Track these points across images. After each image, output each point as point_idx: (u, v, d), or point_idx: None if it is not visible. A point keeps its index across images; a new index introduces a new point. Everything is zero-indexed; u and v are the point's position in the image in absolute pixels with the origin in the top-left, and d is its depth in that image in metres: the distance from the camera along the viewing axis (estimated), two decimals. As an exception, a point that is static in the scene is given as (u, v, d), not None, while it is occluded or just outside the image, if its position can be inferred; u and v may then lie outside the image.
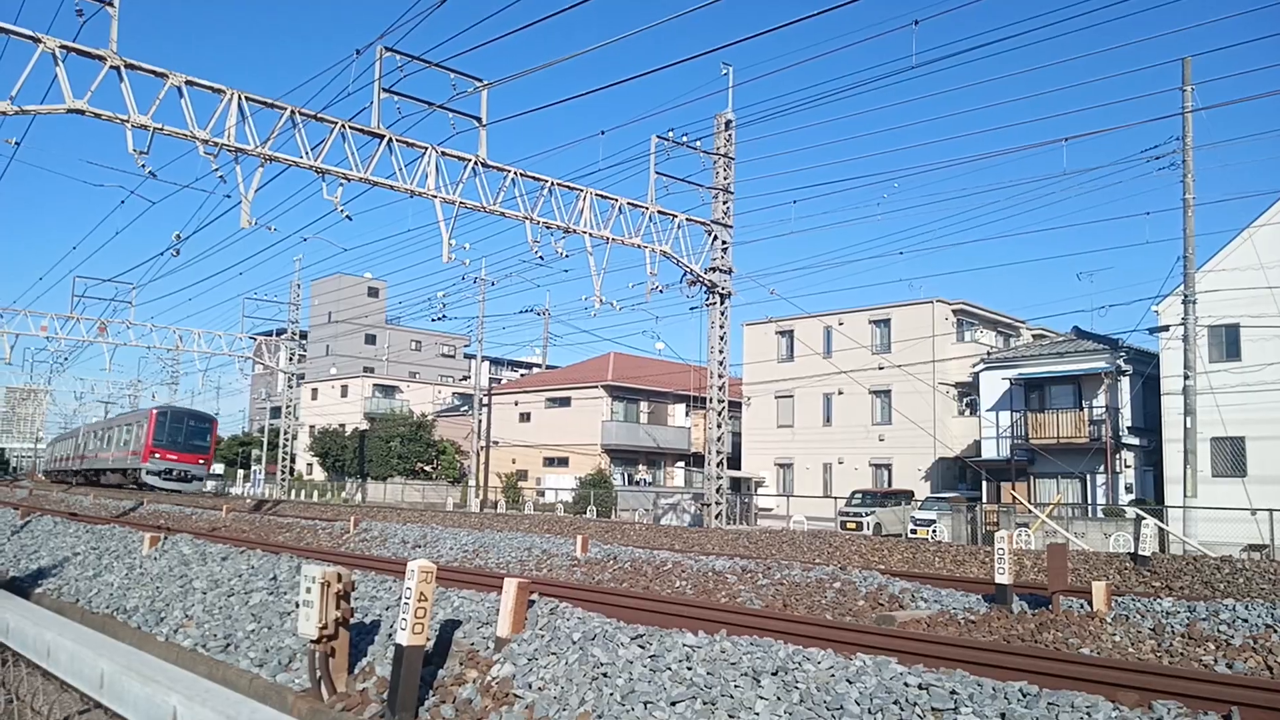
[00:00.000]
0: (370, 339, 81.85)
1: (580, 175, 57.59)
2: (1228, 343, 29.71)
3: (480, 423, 47.58)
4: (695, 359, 32.25)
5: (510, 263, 65.36)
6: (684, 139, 26.53)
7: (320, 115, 19.31)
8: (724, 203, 27.47)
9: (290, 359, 52.16)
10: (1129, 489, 33.10)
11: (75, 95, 16.34)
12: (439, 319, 42.12)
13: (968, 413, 41.23)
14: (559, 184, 22.98)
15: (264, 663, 8.12)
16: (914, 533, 29.58)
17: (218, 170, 18.36)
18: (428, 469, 57.33)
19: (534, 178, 22.57)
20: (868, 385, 42.50)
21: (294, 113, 18.95)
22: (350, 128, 19.60)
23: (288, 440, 52.55)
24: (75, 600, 12.18)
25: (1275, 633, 8.16)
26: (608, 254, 24.38)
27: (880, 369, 41.42)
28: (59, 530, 17.84)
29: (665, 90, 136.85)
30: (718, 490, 27.25)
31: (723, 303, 27.34)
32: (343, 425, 62.06)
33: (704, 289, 27.23)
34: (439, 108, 20.60)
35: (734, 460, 41.19)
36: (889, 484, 41.26)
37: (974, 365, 38.44)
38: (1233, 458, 29.48)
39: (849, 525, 31.58)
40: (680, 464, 54.92)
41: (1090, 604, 9.31)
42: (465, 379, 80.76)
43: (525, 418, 56.42)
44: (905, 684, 5.36)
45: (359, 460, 57.31)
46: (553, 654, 6.58)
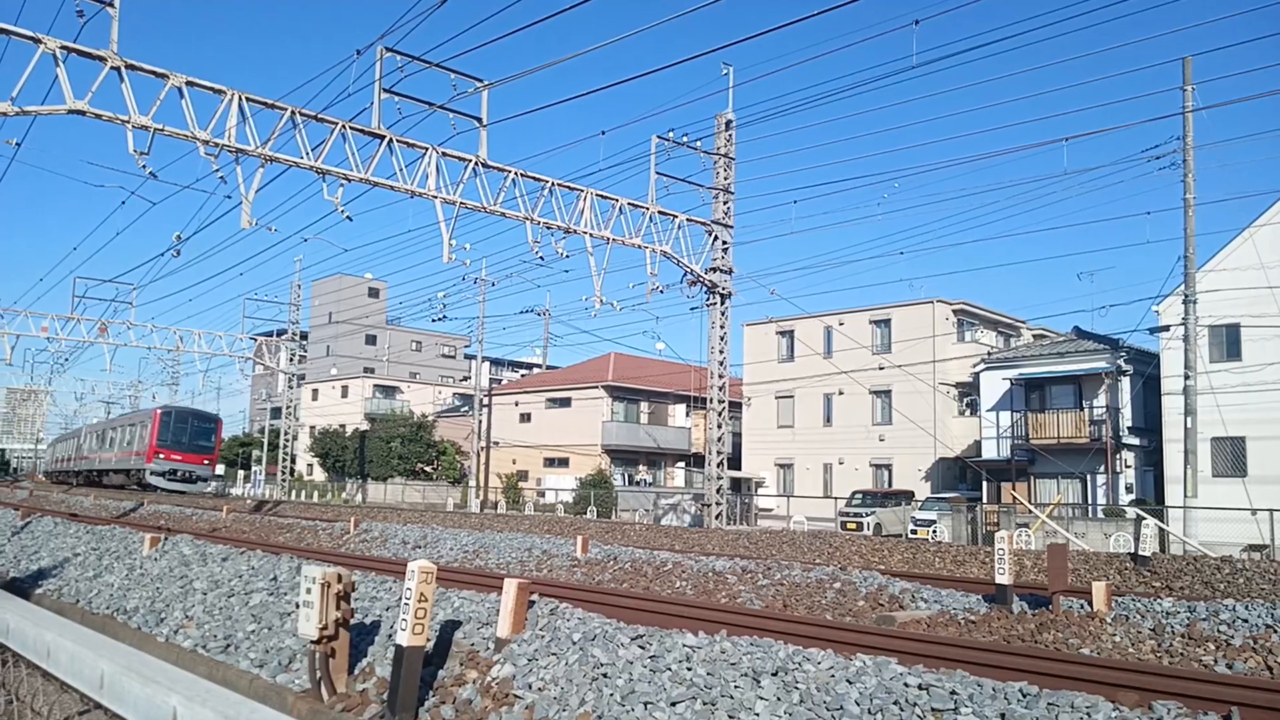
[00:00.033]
0: (371, 339, 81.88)
1: (580, 175, 57.63)
2: (1228, 343, 29.71)
3: (480, 423, 47.59)
4: (695, 359, 32.28)
5: (511, 263, 65.64)
6: (684, 139, 26.56)
7: (321, 116, 19.32)
8: (724, 203, 27.47)
9: (291, 359, 52.19)
10: (1129, 489, 33.09)
11: (76, 96, 16.35)
12: (439, 319, 42.18)
13: (968, 413, 41.23)
14: (559, 184, 22.99)
15: (264, 663, 8.13)
16: (914, 533, 29.58)
17: (218, 171, 18.38)
18: (428, 469, 57.34)
19: (534, 178, 22.58)
20: (868, 385, 42.50)
21: (294, 113, 18.96)
22: (351, 128, 19.61)
23: (288, 441, 52.57)
24: (75, 601, 12.19)
25: (1275, 633, 8.16)
26: (608, 254, 24.42)
27: (880, 369, 41.42)
28: (59, 531, 17.85)
29: (665, 90, 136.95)
30: (718, 491, 27.25)
31: (723, 303, 27.34)
32: (343, 426, 62.08)
33: (704, 289, 27.23)
34: (439, 108, 20.63)
35: (734, 460, 41.19)
36: (889, 484, 41.26)
37: (974, 365, 38.45)
38: (1233, 458, 29.47)
39: (849, 525, 31.58)
40: (680, 464, 54.92)
41: (1090, 604, 9.32)
42: (466, 379, 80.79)
43: (526, 418, 56.44)
44: (905, 684, 5.37)
45: (359, 461, 57.32)
46: (553, 654, 6.58)
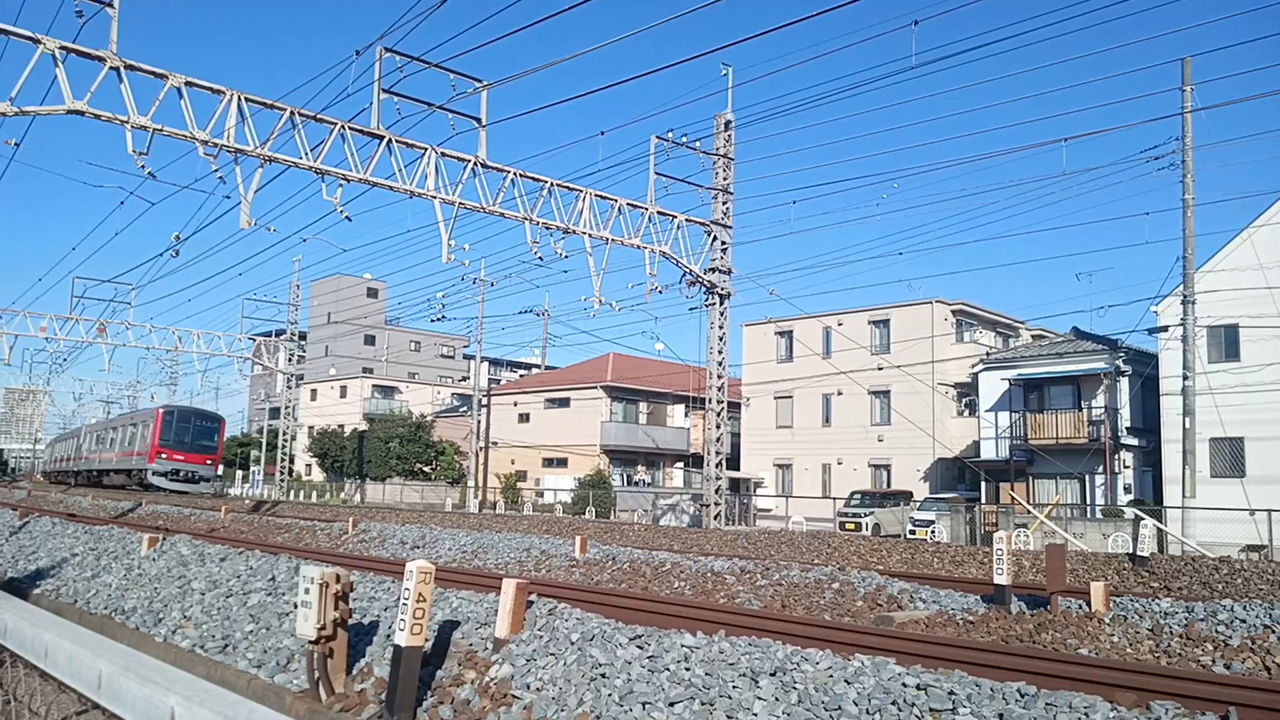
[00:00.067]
0: (369, 340, 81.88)
1: (580, 176, 57.68)
2: (1227, 343, 29.74)
3: (479, 423, 47.58)
4: (694, 360, 32.29)
5: (510, 263, 65.45)
6: (683, 139, 26.56)
7: (320, 116, 19.31)
8: (723, 203, 27.48)
9: (289, 360, 52.17)
10: (1128, 489, 33.11)
11: (75, 96, 16.34)
12: (438, 319, 42.15)
13: (967, 413, 41.25)
14: (558, 184, 22.98)
15: (262, 663, 8.12)
16: (913, 533, 29.59)
17: (217, 171, 18.36)
18: (427, 470, 57.33)
19: (533, 178, 22.56)
20: (867, 386, 42.52)
21: (294, 113, 18.95)
22: (350, 128, 19.60)
23: (286, 441, 52.54)
24: (73, 601, 12.18)
25: (1273, 633, 8.17)
26: (607, 255, 24.41)
27: (879, 369, 41.43)
28: (57, 531, 17.84)
29: (665, 91, 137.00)
30: (716, 491, 27.26)
31: (722, 303, 27.34)
32: (342, 426, 62.06)
33: (703, 289, 27.23)
34: (439, 108, 20.61)
35: (733, 461, 41.19)
36: (888, 484, 41.28)
37: (973, 366, 38.47)
38: (1231, 458, 29.50)
39: (848, 526, 31.59)
40: (679, 465, 54.91)
41: (1088, 604, 9.32)
42: (464, 380, 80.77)
43: (524, 418, 56.43)
44: (903, 684, 5.37)
45: (358, 461, 57.30)
46: (551, 655, 6.58)
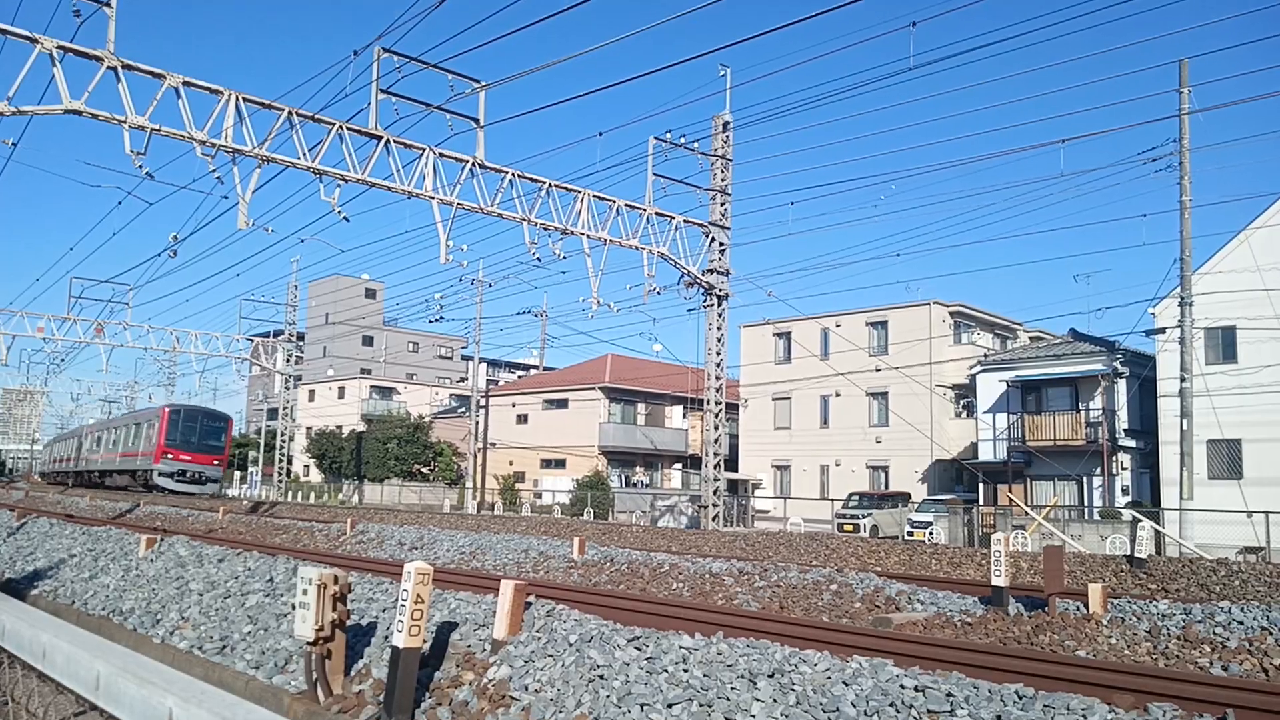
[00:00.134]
0: (367, 340, 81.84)
1: (578, 177, 57.64)
2: (1224, 345, 29.76)
3: (477, 424, 47.57)
4: (693, 361, 32.32)
5: (508, 264, 65.57)
6: (682, 140, 26.54)
7: (318, 116, 19.29)
8: (721, 204, 27.48)
9: (287, 360, 52.12)
10: (1125, 491, 33.14)
11: (72, 96, 16.32)
12: (436, 320, 42.00)
13: (965, 415, 41.28)
14: (557, 185, 22.98)
15: (260, 664, 8.12)
16: (911, 535, 29.61)
17: (215, 171, 18.34)
18: (425, 471, 57.30)
19: (532, 179, 22.56)
20: (865, 387, 42.54)
21: (292, 114, 18.93)
22: (348, 129, 19.59)
23: (284, 442, 52.49)
24: (71, 602, 12.17)
25: (1270, 635, 8.17)
26: (605, 256, 24.39)
27: (877, 371, 41.46)
28: (55, 532, 17.81)
29: (663, 92, 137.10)
30: (715, 492, 27.26)
31: (720, 304, 27.34)
32: (340, 427, 62.02)
33: (701, 291, 27.23)
34: (437, 109, 20.60)
35: (731, 462, 41.22)
36: (886, 486, 41.30)
37: (971, 367, 38.50)
38: (1229, 460, 29.52)
39: (846, 527, 31.60)
40: (677, 466, 54.92)
41: (1086, 606, 9.33)
42: (463, 380, 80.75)
43: (522, 419, 56.42)
44: (901, 686, 5.38)
45: (356, 462, 57.27)
46: (549, 656, 6.58)
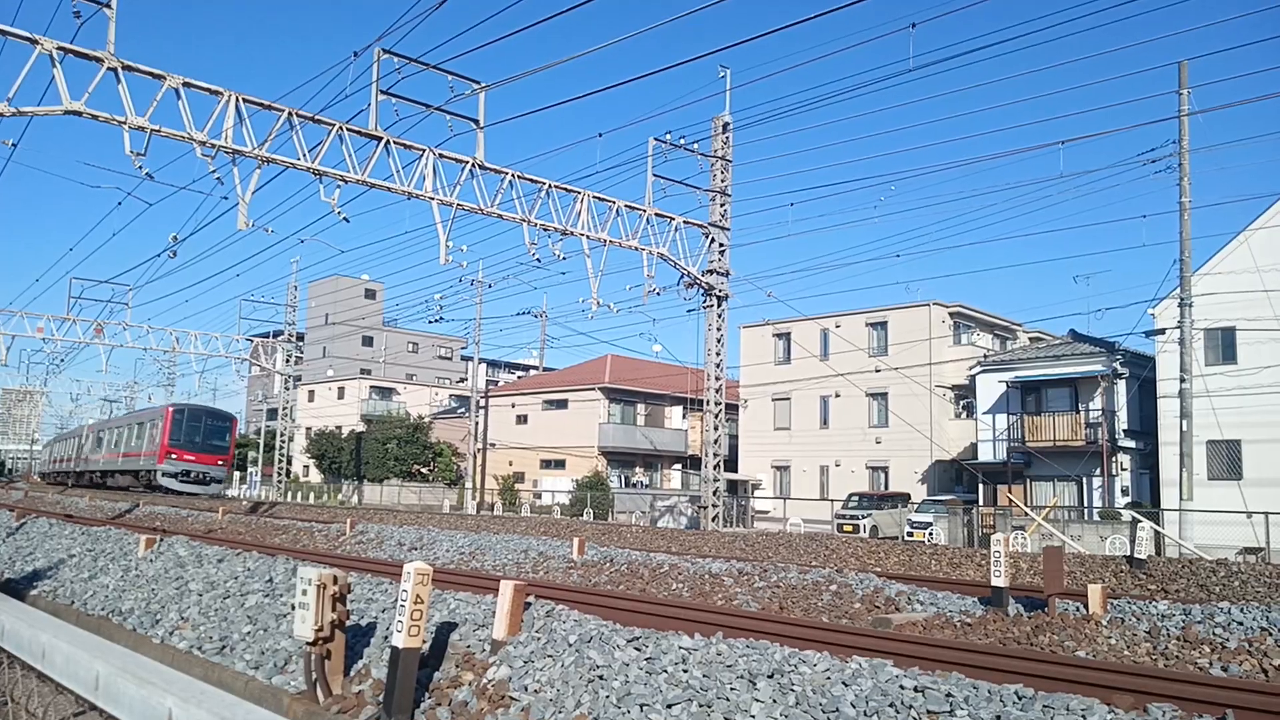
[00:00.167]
0: (367, 341, 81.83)
1: (578, 177, 57.66)
2: (1224, 346, 29.77)
3: (477, 425, 47.56)
4: (692, 361, 32.35)
5: (508, 265, 65.60)
6: (681, 141, 26.56)
7: (318, 117, 19.30)
8: (721, 205, 27.48)
9: (287, 361, 52.11)
10: (1125, 492, 33.14)
11: (72, 97, 16.32)
12: (436, 321, 41.96)
13: (964, 415, 41.28)
14: (557, 186, 22.99)
15: (260, 665, 8.12)
16: (910, 535, 29.61)
17: (215, 172, 18.34)
18: (424, 471, 57.29)
19: (531, 180, 22.57)
20: (864, 388, 42.54)
21: (291, 114, 18.93)
22: (348, 129, 19.59)
23: (284, 442, 52.49)
24: (71, 602, 12.16)
25: (1270, 636, 8.17)
26: (605, 256, 24.41)
27: (877, 371, 41.46)
28: (54, 532, 17.80)
29: (663, 93, 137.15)
30: (714, 493, 27.26)
31: (720, 305, 27.34)
32: (339, 427, 62.01)
33: (701, 291, 27.24)
34: (437, 110, 20.61)
35: (731, 463, 41.22)
36: (886, 486, 41.29)
37: (971, 368, 38.50)
38: (1229, 461, 29.53)
39: (845, 528, 31.60)
40: (677, 466, 54.91)
41: (1086, 607, 9.33)
42: (462, 381, 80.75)
43: (522, 420, 56.41)
44: (901, 686, 5.37)
45: (355, 462, 57.26)
46: (549, 656, 6.58)
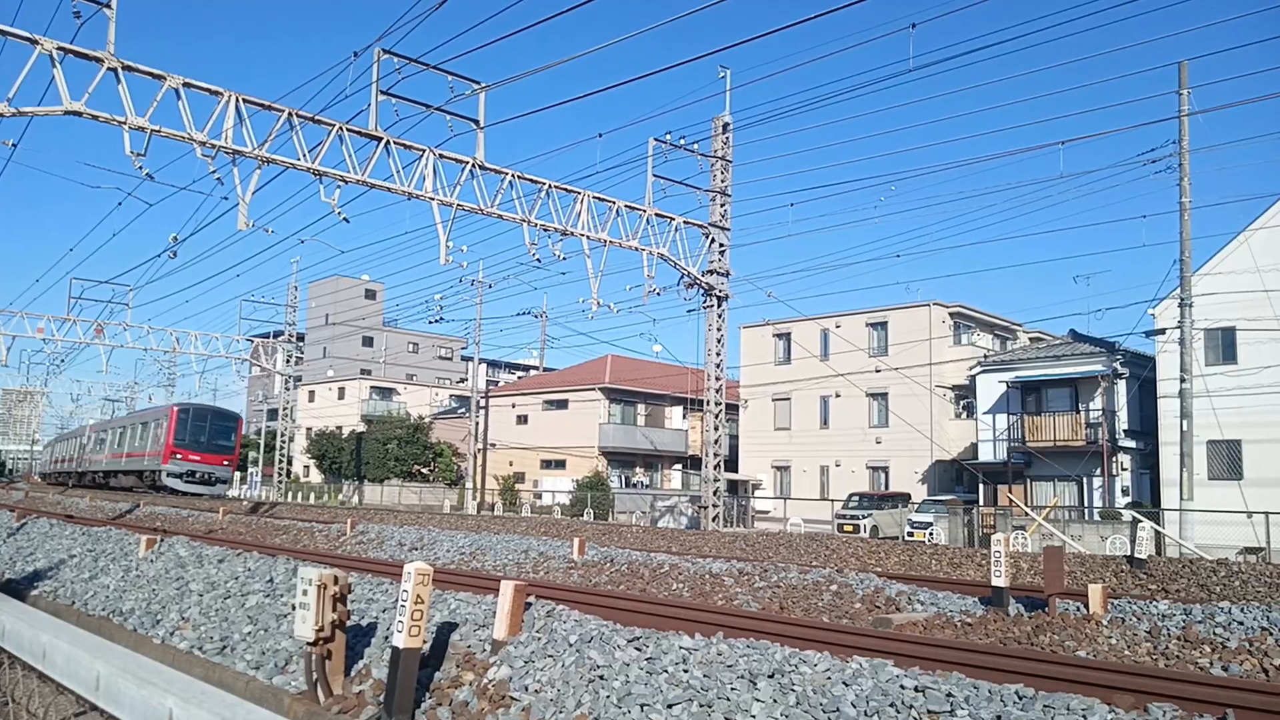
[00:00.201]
0: (367, 341, 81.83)
1: (578, 178, 57.70)
2: (1224, 346, 29.77)
3: (477, 425, 47.56)
4: (692, 362, 32.34)
5: (508, 265, 65.63)
6: (681, 141, 26.56)
7: (318, 117, 19.30)
8: (721, 205, 27.48)
9: (287, 361, 52.12)
10: (1125, 492, 33.14)
11: (72, 97, 16.32)
12: (436, 321, 42.04)
13: (964, 415, 41.27)
14: (557, 186, 22.99)
15: (260, 665, 8.12)
16: (911, 535, 29.61)
17: (215, 172, 18.34)
18: (425, 471, 57.28)
19: (532, 180, 22.57)
20: (865, 388, 42.54)
21: (292, 115, 18.93)
22: (348, 130, 19.59)
23: (284, 442, 52.49)
24: (71, 603, 12.16)
25: (1271, 635, 8.17)
26: (605, 256, 24.41)
27: (877, 372, 41.46)
28: (55, 532, 17.81)
29: (663, 93, 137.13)
30: (715, 493, 27.25)
31: (720, 305, 27.34)
32: (339, 427, 62.00)
33: (701, 292, 27.24)
34: (437, 110, 20.60)
35: (731, 463, 41.21)
36: (886, 486, 41.29)
37: (971, 368, 38.50)
38: (1229, 461, 29.52)
39: (846, 528, 31.60)
40: (677, 466, 54.90)
41: (1086, 607, 9.33)
42: (462, 381, 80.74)
43: (522, 420, 56.40)
44: (901, 686, 5.37)
45: (356, 462, 57.25)
46: (549, 656, 6.58)
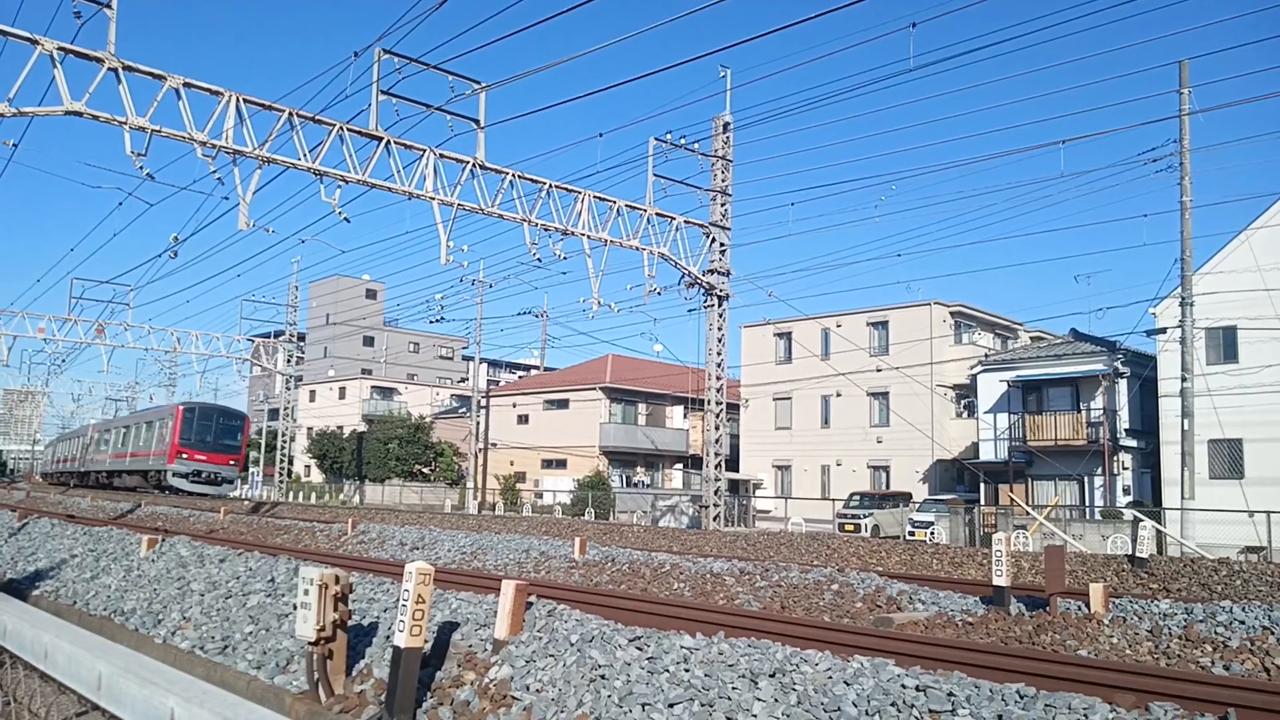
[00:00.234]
0: (368, 341, 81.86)
1: (578, 177, 57.65)
2: (1225, 345, 29.76)
3: (478, 425, 47.57)
4: (693, 361, 32.31)
5: (508, 265, 65.62)
6: (682, 141, 26.54)
7: (318, 117, 19.30)
8: (722, 205, 27.48)
9: (288, 361, 52.14)
10: (1127, 491, 33.13)
11: (73, 97, 16.33)
12: (437, 321, 42.11)
13: (965, 415, 41.27)
14: (557, 186, 22.99)
15: (262, 665, 8.12)
16: (912, 534, 29.61)
17: (216, 172, 18.35)
18: (426, 471, 57.30)
19: (532, 180, 22.57)
20: (866, 387, 42.54)
21: (292, 115, 18.93)
22: (348, 130, 19.59)
23: (285, 442, 52.51)
24: (73, 602, 12.17)
25: (1272, 635, 8.17)
26: (606, 256, 24.41)
27: (878, 371, 41.46)
28: (56, 532, 17.82)
29: (663, 93, 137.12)
30: (715, 492, 27.25)
31: (721, 305, 27.34)
32: (340, 427, 62.01)
33: (702, 291, 27.23)
34: (437, 110, 20.61)
35: (732, 462, 41.20)
36: (887, 486, 41.30)
37: (972, 367, 38.49)
38: (1230, 460, 29.51)
39: (847, 527, 31.61)
40: (678, 466, 54.91)
41: (1088, 606, 9.33)
42: (463, 381, 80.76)
43: (523, 420, 56.42)
44: (903, 686, 5.37)
45: (357, 462, 57.27)
46: (551, 656, 6.58)
